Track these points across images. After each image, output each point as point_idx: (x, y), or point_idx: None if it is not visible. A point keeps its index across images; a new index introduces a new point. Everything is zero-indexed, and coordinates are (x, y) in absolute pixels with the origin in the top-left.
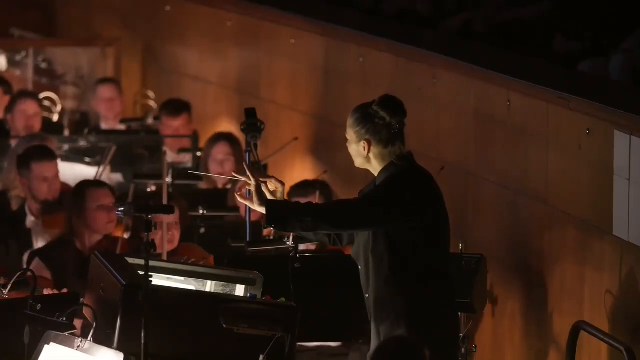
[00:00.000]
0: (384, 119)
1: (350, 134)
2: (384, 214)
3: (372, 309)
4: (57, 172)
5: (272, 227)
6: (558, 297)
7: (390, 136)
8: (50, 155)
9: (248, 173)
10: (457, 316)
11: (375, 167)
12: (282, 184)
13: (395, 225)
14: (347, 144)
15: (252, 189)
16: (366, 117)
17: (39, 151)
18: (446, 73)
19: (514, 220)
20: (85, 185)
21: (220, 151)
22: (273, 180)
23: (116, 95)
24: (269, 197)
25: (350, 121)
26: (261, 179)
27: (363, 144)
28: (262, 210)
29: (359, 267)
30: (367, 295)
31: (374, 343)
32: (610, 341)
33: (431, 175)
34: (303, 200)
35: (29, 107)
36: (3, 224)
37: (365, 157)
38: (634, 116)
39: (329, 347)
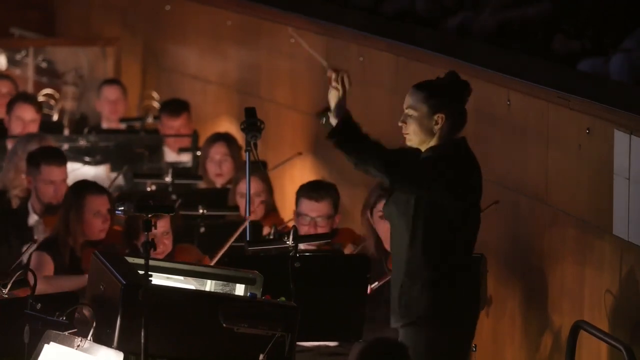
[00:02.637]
0: (460, 95)
1: (421, 108)
2: (432, 182)
3: (397, 297)
4: (65, 177)
5: (333, 139)
6: (558, 297)
7: (462, 112)
8: (61, 160)
9: (338, 84)
10: (477, 310)
11: (430, 144)
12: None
13: (436, 198)
14: (405, 122)
15: (335, 99)
16: (441, 90)
17: (51, 154)
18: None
19: (514, 220)
20: (85, 188)
21: (218, 151)
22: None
23: (120, 97)
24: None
25: (420, 96)
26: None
27: (437, 117)
28: (334, 119)
29: (392, 247)
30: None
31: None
32: (610, 340)
33: (479, 165)
34: (315, 204)
35: (26, 113)
36: (4, 222)
37: (430, 133)
38: (634, 116)
39: (328, 346)
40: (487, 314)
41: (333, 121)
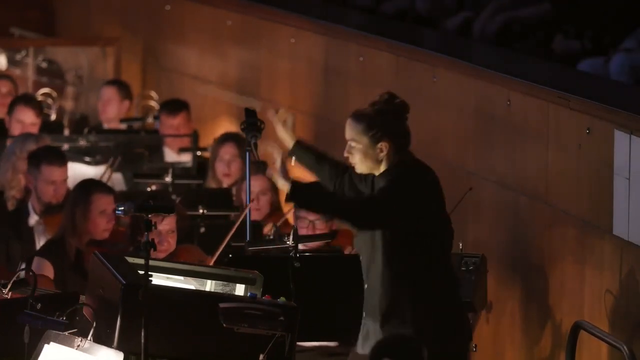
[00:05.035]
0: (399, 117)
1: (363, 140)
2: (394, 216)
3: (376, 306)
4: (65, 177)
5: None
6: (558, 297)
7: (405, 132)
8: (62, 160)
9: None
10: (465, 317)
11: (380, 169)
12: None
13: (405, 226)
14: (351, 153)
15: (278, 164)
16: (379, 118)
17: (51, 154)
18: (446, 72)
19: (514, 220)
20: (93, 186)
21: (227, 152)
22: (283, 115)
23: (114, 98)
24: (283, 130)
25: (359, 128)
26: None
27: (381, 146)
28: (285, 187)
29: (361, 257)
30: (366, 286)
31: (370, 339)
32: (610, 340)
33: (432, 171)
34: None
35: (26, 116)
36: (3, 223)
37: (378, 160)
38: (634, 115)
39: (329, 347)
40: (487, 315)
41: (281, 183)
